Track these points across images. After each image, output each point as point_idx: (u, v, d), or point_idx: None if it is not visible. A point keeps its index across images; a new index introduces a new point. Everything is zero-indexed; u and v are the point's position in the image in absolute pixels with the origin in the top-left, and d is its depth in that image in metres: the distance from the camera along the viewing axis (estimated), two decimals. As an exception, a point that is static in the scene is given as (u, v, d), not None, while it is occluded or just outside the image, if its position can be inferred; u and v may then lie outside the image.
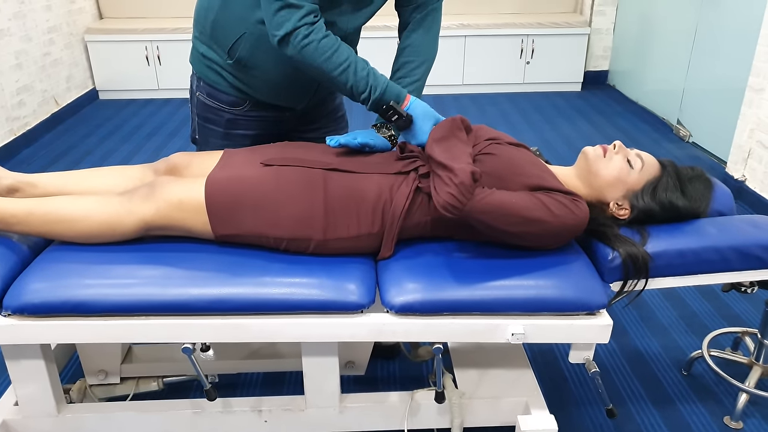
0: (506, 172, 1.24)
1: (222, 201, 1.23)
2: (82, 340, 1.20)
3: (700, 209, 1.32)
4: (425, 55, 1.50)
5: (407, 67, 1.49)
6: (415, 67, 1.49)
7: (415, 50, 1.50)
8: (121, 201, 1.24)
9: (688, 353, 1.85)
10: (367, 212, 1.24)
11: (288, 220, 1.23)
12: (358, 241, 1.25)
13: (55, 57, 3.94)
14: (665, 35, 3.86)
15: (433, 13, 1.50)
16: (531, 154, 1.31)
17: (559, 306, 1.20)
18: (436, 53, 1.53)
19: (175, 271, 1.21)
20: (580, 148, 3.51)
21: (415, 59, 1.49)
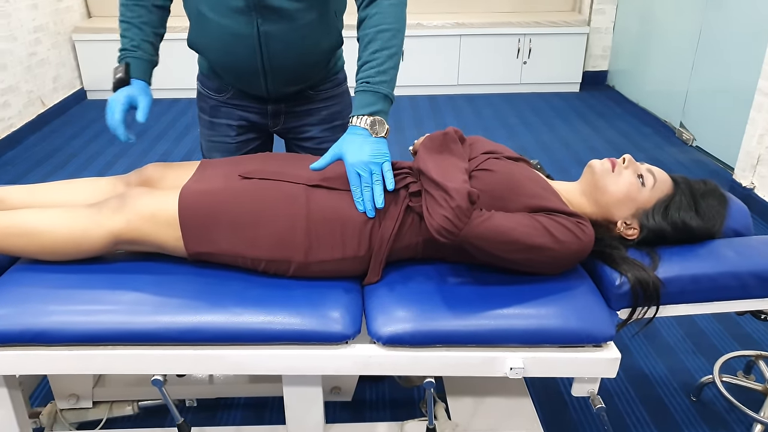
0: (505, 191, 1.15)
1: (196, 215, 1.14)
2: (44, 372, 1.10)
3: (715, 229, 1.23)
4: (397, 24, 1.21)
5: (381, 38, 1.20)
6: (391, 36, 1.21)
7: (384, 17, 1.21)
8: (90, 213, 1.15)
9: (696, 377, 1.75)
10: (353, 234, 1.14)
11: (266, 240, 1.13)
12: (343, 265, 1.15)
13: (42, 57, 3.83)
14: (668, 35, 3.77)
15: None
16: (531, 170, 1.22)
17: (562, 337, 1.10)
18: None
19: (145, 296, 1.11)
20: (579, 150, 3.41)
21: (389, 27, 1.21)
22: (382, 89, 1.18)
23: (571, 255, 1.11)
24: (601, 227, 1.22)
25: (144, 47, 1.37)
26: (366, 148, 1.14)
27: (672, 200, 1.20)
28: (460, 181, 1.08)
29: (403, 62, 4.37)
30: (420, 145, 1.24)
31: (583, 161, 3.28)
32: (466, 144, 1.28)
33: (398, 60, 1.23)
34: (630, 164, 1.22)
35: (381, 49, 1.19)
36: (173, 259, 1.21)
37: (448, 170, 1.12)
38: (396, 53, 1.21)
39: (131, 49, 1.36)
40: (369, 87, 1.18)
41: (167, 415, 1.58)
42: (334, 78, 1.48)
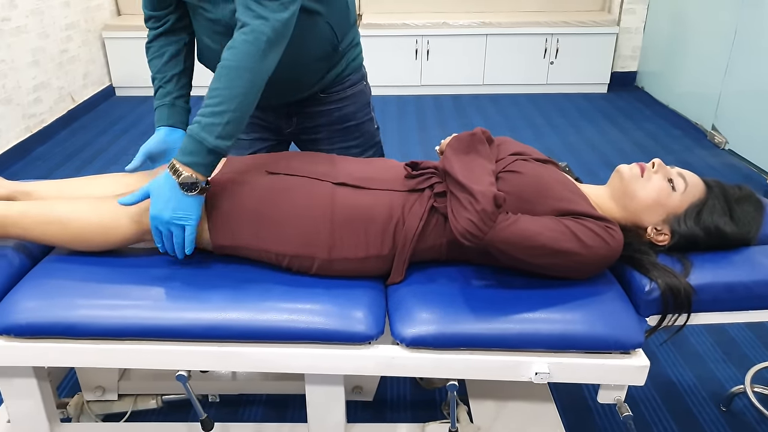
0: (533, 194, 1.13)
1: (223, 208, 1.15)
2: (71, 364, 1.12)
3: (750, 235, 1.19)
4: (246, 63, 1.10)
5: (224, 75, 1.11)
6: (235, 76, 1.11)
7: (233, 53, 1.11)
8: (118, 203, 1.16)
9: (726, 386, 1.71)
10: (377, 232, 1.13)
11: (291, 236, 1.13)
12: (366, 264, 1.15)
13: (73, 54, 3.91)
14: (701, 35, 3.68)
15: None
16: (560, 173, 1.20)
17: (590, 343, 1.08)
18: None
19: (171, 292, 1.12)
20: (607, 153, 3.36)
21: (235, 64, 1.11)
22: (208, 140, 1.07)
23: (598, 260, 1.09)
24: (631, 233, 1.20)
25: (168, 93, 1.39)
26: (171, 204, 1.08)
27: (705, 205, 1.16)
28: (486, 184, 1.07)
29: (427, 61, 4.36)
30: (446, 146, 1.23)
31: (611, 163, 3.22)
32: (494, 145, 1.26)
33: (243, 104, 1.09)
34: (659, 168, 1.18)
35: (222, 87, 1.08)
36: (199, 255, 1.22)
37: (475, 172, 1.10)
38: (239, 95, 1.08)
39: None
40: (194, 132, 1.08)
41: (190, 410, 1.59)
42: (346, 80, 1.45)
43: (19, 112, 3.35)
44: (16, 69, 3.31)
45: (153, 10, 1.37)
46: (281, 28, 1.10)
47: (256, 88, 1.10)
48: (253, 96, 1.11)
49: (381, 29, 4.22)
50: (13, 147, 3.27)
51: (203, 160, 1.08)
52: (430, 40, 4.28)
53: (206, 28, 1.30)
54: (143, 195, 1.11)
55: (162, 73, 1.37)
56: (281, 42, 1.12)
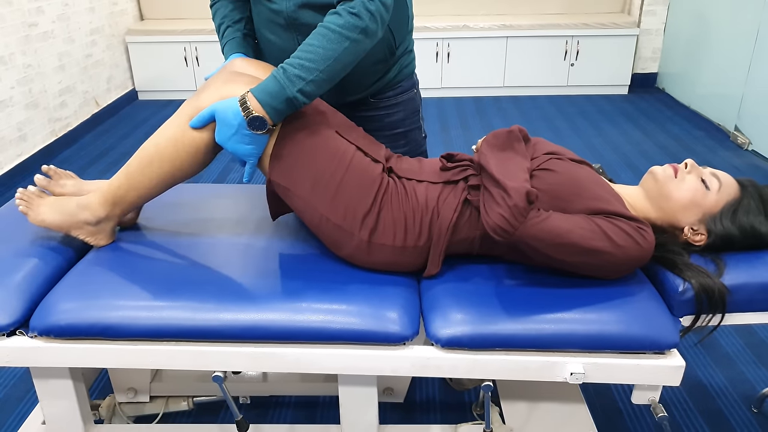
0: (566, 192, 1.13)
1: (291, 149, 1.15)
2: (109, 365, 1.14)
3: None
4: (349, 33, 1.14)
5: (325, 35, 1.15)
6: (336, 39, 1.15)
7: (338, 18, 1.15)
8: (190, 104, 1.17)
9: (757, 388, 1.69)
10: (416, 223, 1.15)
11: (342, 205, 1.14)
12: (403, 254, 1.16)
13: (97, 58, 3.97)
14: (722, 36, 3.64)
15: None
16: (594, 173, 1.20)
17: (624, 343, 1.08)
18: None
19: (207, 294, 1.14)
20: (629, 154, 3.33)
21: (339, 30, 1.14)
22: (289, 89, 1.09)
23: (630, 260, 1.09)
24: (667, 233, 1.20)
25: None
26: (235, 137, 1.12)
27: (740, 204, 1.16)
28: (520, 180, 1.07)
29: (448, 64, 4.36)
30: (483, 141, 1.23)
31: (634, 165, 3.20)
32: (530, 144, 1.27)
33: (332, 70, 1.12)
34: (693, 169, 1.18)
35: (317, 45, 1.11)
36: (235, 254, 1.24)
37: (509, 168, 1.11)
38: (331, 59, 1.11)
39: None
40: (279, 76, 1.10)
41: (221, 412, 1.61)
42: (397, 86, 1.46)
43: (45, 116, 3.41)
44: (42, 74, 3.37)
45: None
46: (383, 11, 1.15)
47: (349, 59, 1.13)
48: (342, 65, 1.13)
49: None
50: (40, 150, 3.33)
51: (278, 105, 1.10)
52: (451, 42, 4.29)
53: (267, 19, 1.31)
54: (209, 117, 1.13)
55: (229, 18, 1.40)
56: (381, 25, 1.16)
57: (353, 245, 1.16)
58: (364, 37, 1.14)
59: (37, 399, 1.24)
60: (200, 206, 1.47)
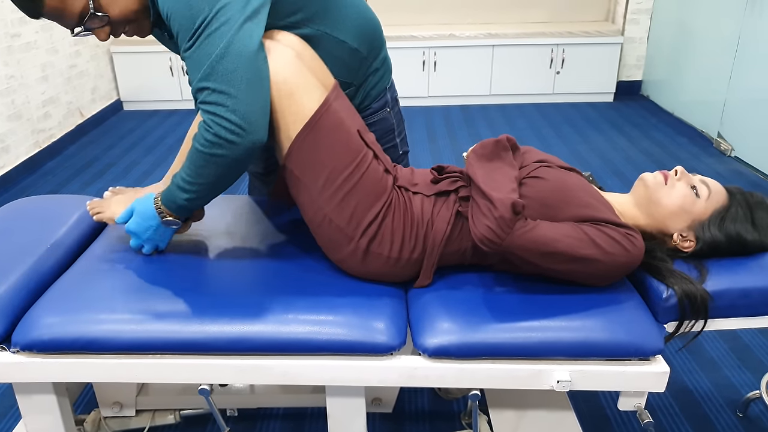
0: (555, 199, 1.14)
1: (317, 142, 1.12)
2: (93, 379, 1.13)
3: (765, 241, 1.20)
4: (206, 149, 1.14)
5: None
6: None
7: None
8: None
9: (742, 392, 1.70)
10: (412, 235, 1.16)
11: (349, 209, 1.14)
12: (396, 266, 1.17)
13: (81, 69, 3.94)
14: (704, 44, 3.70)
15: None
16: (583, 180, 1.21)
17: (610, 351, 1.08)
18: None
19: (193, 305, 1.13)
20: (615, 161, 3.37)
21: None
22: (179, 199, 1.16)
23: (619, 267, 1.10)
24: (657, 240, 1.21)
25: None
26: (150, 231, 1.23)
27: (728, 212, 1.18)
28: (506, 191, 1.08)
29: (435, 73, 4.39)
30: (471, 152, 1.24)
31: (620, 172, 3.23)
32: (518, 153, 1.27)
33: (210, 182, 1.12)
34: (682, 176, 1.20)
35: (191, 164, 1.11)
36: (221, 267, 1.23)
37: (496, 179, 1.12)
38: (207, 174, 1.11)
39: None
40: (173, 188, 1.16)
41: (208, 425, 1.60)
42: (365, 110, 1.40)
43: (29, 128, 3.38)
44: (25, 85, 3.35)
45: None
46: (250, 115, 1.07)
47: (223, 171, 1.11)
48: (219, 176, 1.12)
49: (389, 41, 4.25)
50: (23, 162, 3.30)
51: (176, 209, 1.18)
52: (438, 51, 4.31)
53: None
54: (129, 213, 1.23)
55: None
56: (249, 131, 1.08)
57: (349, 250, 1.16)
58: (228, 151, 1.07)
59: (21, 415, 1.22)
60: (186, 217, 1.46)
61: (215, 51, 1.02)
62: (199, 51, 1.04)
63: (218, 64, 1.02)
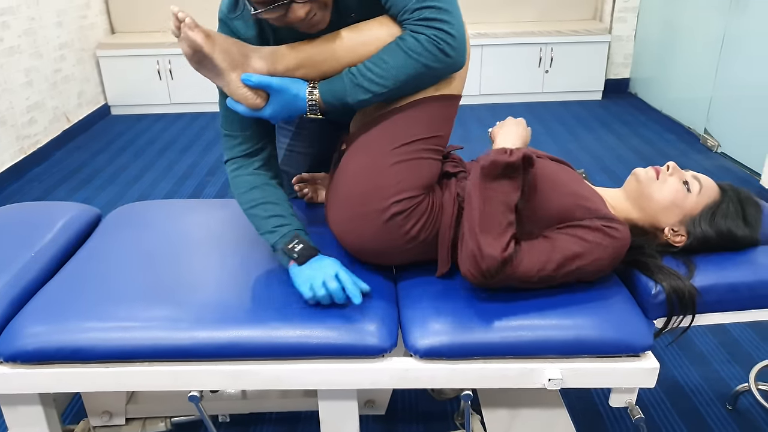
0: (544, 186, 1.15)
1: (444, 107, 1.18)
2: (80, 389, 1.11)
3: (756, 237, 1.21)
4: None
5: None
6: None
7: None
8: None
9: (731, 385, 1.71)
10: (431, 219, 1.17)
11: (403, 173, 1.14)
12: (406, 245, 1.17)
13: (67, 73, 3.91)
14: (690, 41, 3.73)
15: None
16: (573, 171, 1.23)
17: (600, 348, 1.09)
18: None
19: (181, 311, 1.12)
20: (605, 159, 3.38)
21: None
22: (350, 96, 1.13)
23: (607, 261, 1.11)
24: (648, 234, 1.22)
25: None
26: (283, 113, 1.16)
27: (719, 207, 1.19)
28: (495, 234, 1.06)
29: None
30: (476, 170, 1.13)
31: (609, 170, 3.25)
32: (529, 173, 1.18)
33: (397, 90, 1.13)
34: (674, 171, 1.21)
35: (394, 67, 1.11)
36: (211, 271, 1.22)
37: (491, 214, 1.07)
38: (403, 81, 1.12)
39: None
40: (348, 83, 1.13)
41: (200, 431, 1.58)
42: None
43: (13, 134, 3.34)
44: (9, 90, 3.31)
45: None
46: (464, 38, 1.14)
47: (418, 83, 1.14)
48: (410, 87, 1.14)
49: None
50: (8, 169, 3.26)
51: (335, 105, 1.14)
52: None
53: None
54: (267, 87, 1.13)
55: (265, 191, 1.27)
56: (462, 53, 1.15)
57: (375, 209, 1.13)
58: (442, 66, 1.12)
59: (7, 427, 1.20)
60: (174, 222, 1.45)
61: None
62: None
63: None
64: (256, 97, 1.13)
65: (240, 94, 1.13)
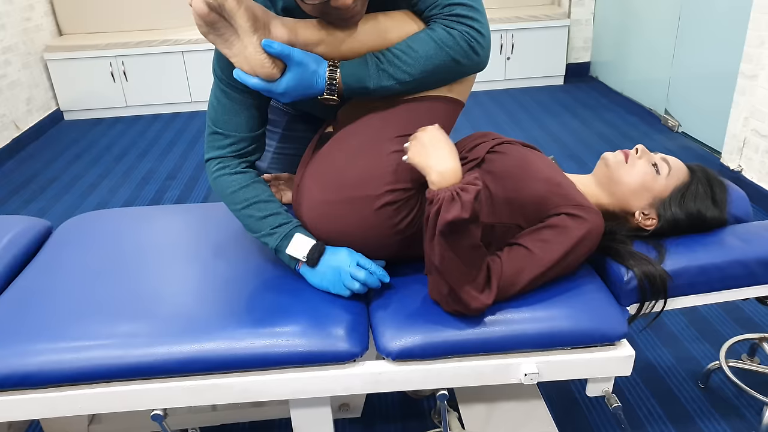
0: (518, 173, 1.13)
1: (448, 110, 1.18)
2: (34, 416, 1.05)
3: (724, 218, 1.21)
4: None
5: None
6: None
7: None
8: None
9: (703, 363, 1.73)
10: (418, 214, 1.13)
11: (402, 164, 1.09)
12: (391, 237, 1.12)
13: (12, 78, 3.74)
14: (647, 23, 3.77)
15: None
16: (545, 156, 1.21)
17: (575, 339, 1.07)
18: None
19: (138, 326, 1.06)
20: (570, 144, 3.40)
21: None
22: (372, 81, 1.10)
23: (585, 256, 1.10)
24: (619, 219, 1.21)
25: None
26: (297, 89, 1.07)
27: (688, 189, 1.18)
28: (481, 294, 1.03)
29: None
30: (430, 223, 1.03)
31: (575, 155, 3.26)
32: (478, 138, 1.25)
33: (421, 82, 1.11)
34: (643, 154, 1.20)
35: (424, 56, 1.08)
36: (168, 281, 1.17)
37: (465, 266, 1.01)
38: (430, 72, 1.10)
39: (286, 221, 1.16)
40: (372, 67, 1.08)
41: (169, 445, 1.52)
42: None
43: (-39, 145, 3.18)
44: (-47, 100, 3.15)
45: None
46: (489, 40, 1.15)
47: (443, 77, 1.12)
48: (433, 81, 1.12)
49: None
50: (-43, 182, 3.11)
51: (355, 89, 1.09)
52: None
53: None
54: (286, 56, 1.04)
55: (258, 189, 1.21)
56: (487, 55, 1.16)
57: (368, 195, 1.08)
58: (469, 63, 1.12)
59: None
60: (128, 231, 1.38)
61: None
62: None
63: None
64: (273, 66, 1.04)
65: (257, 60, 1.02)
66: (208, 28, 1.02)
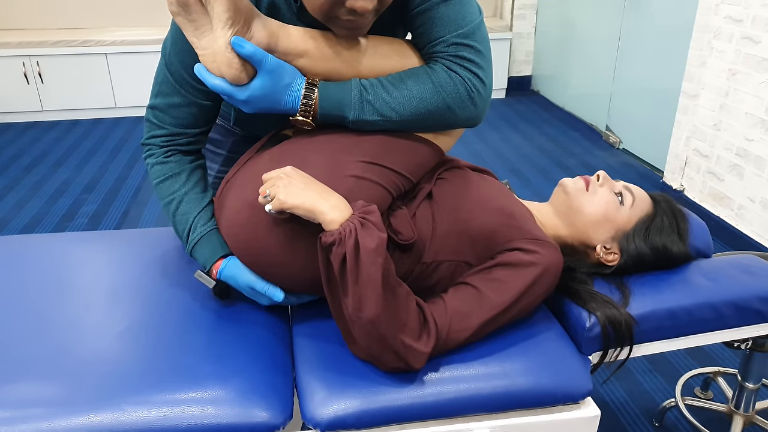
0: (468, 204, 0.99)
1: (425, 152, 1.04)
2: None
3: (689, 253, 1.11)
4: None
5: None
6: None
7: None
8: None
9: (657, 399, 1.65)
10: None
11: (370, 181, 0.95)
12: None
13: None
14: (588, 38, 3.77)
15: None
16: (498, 182, 1.08)
17: (535, 400, 0.93)
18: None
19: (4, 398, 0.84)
20: (512, 159, 3.33)
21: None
22: (349, 112, 0.96)
23: (542, 298, 0.97)
24: (579, 254, 1.08)
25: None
26: (265, 101, 0.93)
27: (653, 221, 1.07)
28: (416, 343, 0.88)
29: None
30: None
31: (518, 170, 3.19)
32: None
33: (405, 123, 0.97)
34: (605, 181, 1.08)
35: (417, 97, 0.96)
36: (52, 331, 0.95)
37: (397, 319, 0.87)
38: (418, 116, 0.97)
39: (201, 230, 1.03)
40: (356, 98, 0.95)
41: None
42: None
43: None
44: None
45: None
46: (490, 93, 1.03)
47: (431, 123, 0.98)
48: (420, 126, 0.98)
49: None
50: None
51: (329, 114, 0.95)
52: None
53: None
54: (258, 60, 0.88)
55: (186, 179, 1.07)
56: (484, 109, 1.03)
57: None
58: (462, 113, 0.98)
59: None
60: (15, 262, 1.14)
61: (476, 17, 0.98)
62: (460, 8, 0.96)
63: (478, 30, 0.97)
64: (242, 70, 0.89)
65: (226, 58, 0.87)
66: (180, 8, 0.85)
